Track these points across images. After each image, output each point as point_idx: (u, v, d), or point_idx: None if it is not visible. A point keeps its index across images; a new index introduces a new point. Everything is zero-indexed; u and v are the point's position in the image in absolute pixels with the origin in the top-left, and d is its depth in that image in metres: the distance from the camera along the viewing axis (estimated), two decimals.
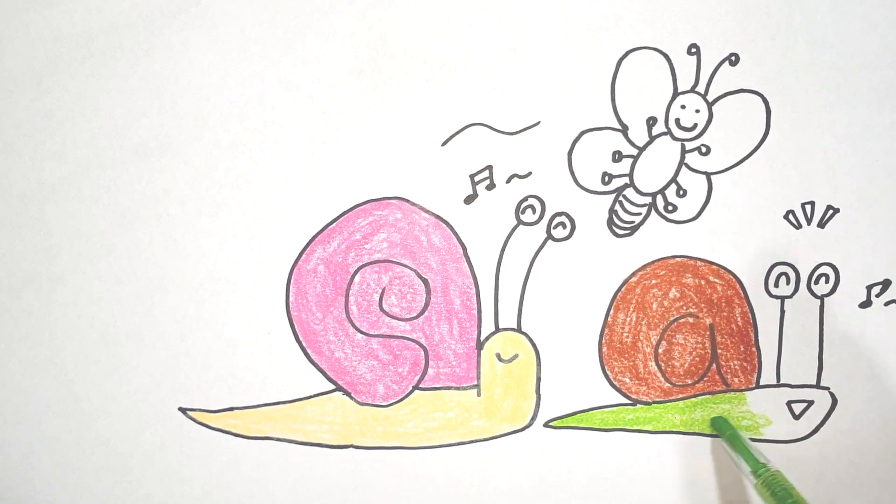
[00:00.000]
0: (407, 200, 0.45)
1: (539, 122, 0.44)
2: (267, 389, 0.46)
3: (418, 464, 0.47)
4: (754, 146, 0.45)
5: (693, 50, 0.44)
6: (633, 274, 0.46)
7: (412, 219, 0.45)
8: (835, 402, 0.46)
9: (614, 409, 0.47)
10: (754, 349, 0.46)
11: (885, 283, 0.46)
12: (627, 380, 0.47)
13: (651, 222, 0.45)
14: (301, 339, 0.46)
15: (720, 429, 0.46)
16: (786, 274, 0.46)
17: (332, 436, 0.47)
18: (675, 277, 0.46)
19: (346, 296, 0.46)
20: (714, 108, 0.44)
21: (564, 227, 0.45)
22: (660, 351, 0.47)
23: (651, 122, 0.45)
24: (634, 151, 0.45)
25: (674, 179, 0.45)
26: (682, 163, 0.45)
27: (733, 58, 0.44)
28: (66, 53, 0.43)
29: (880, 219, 0.45)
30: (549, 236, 0.45)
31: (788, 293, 0.46)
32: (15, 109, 0.44)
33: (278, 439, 0.46)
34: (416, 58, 0.44)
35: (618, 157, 0.45)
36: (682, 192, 0.45)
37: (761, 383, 0.47)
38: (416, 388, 0.46)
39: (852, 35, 0.44)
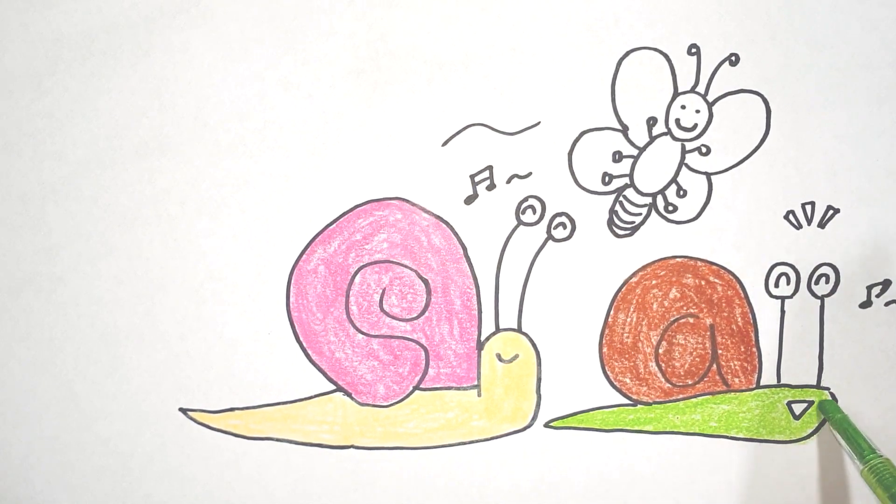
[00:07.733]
0: (407, 201, 0.45)
1: (539, 123, 0.44)
2: (267, 390, 0.46)
3: (419, 464, 0.47)
4: (754, 146, 0.45)
5: (693, 50, 0.44)
6: (634, 274, 0.46)
7: (412, 219, 0.45)
8: (835, 402, 0.47)
9: (615, 409, 0.47)
10: (755, 349, 0.46)
11: (885, 283, 0.46)
12: (628, 380, 0.47)
13: (651, 222, 0.45)
14: (301, 339, 0.46)
15: (828, 412, 0.45)
16: (786, 274, 0.46)
17: (333, 436, 0.46)
18: (676, 278, 0.46)
19: (347, 296, 0.46)
20: (714, 108, 0.44)
21: (565, 227, 0.45)
22: (660, 351, 0.47)
23: (651, 122, 0.45)
24: (635, 151, 0.45)
25: (674, 180, 0.45)
26: (682, 163, 0.45)
27: (733, 58, 0.44)
28: (66, 53, 0.43)
29: (880, 219, 0.45)
30: (550, 236, 0.45)
31: (788, 293, 0.46)
32: (15, 109, 0.44)
33: (279, 440, 0.46)
34: (417, 58, 0.44)
35: (618, 157, 0.45)
36: (682, 193, 0.45)
37: (762, 384, 0.47)
38: (416, 388, 0.46)
39: (852, 35, 0.44)
